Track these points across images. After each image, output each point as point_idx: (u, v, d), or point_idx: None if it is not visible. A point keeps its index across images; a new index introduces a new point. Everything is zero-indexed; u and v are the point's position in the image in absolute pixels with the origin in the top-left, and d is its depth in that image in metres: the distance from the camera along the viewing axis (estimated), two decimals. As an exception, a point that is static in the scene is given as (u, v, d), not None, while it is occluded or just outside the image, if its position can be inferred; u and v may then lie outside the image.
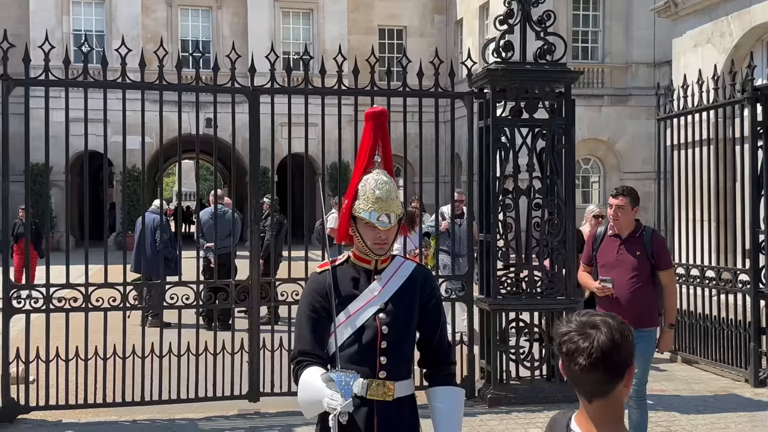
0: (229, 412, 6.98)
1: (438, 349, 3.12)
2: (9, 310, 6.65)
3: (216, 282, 7.36)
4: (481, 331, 7.59)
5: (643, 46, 26.90)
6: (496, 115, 7.36)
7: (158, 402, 6.92)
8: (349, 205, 3.02)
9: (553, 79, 7.41)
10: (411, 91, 7.41)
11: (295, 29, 30.24)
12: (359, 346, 2.97)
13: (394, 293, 3.03)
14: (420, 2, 32.95)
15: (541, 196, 7.41)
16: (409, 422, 3.01)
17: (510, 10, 7.41)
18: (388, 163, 3.09)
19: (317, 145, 7.28)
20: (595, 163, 27.49)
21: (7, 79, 6.64)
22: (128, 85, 6.93)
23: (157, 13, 29.48)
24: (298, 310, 3.11)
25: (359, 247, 3.04)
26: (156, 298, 7.17)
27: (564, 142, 7.42)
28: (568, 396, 7.29)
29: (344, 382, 2.77)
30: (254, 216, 7.40)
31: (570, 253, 7.45)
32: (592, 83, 27.08)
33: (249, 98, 7.13)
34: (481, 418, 6.85)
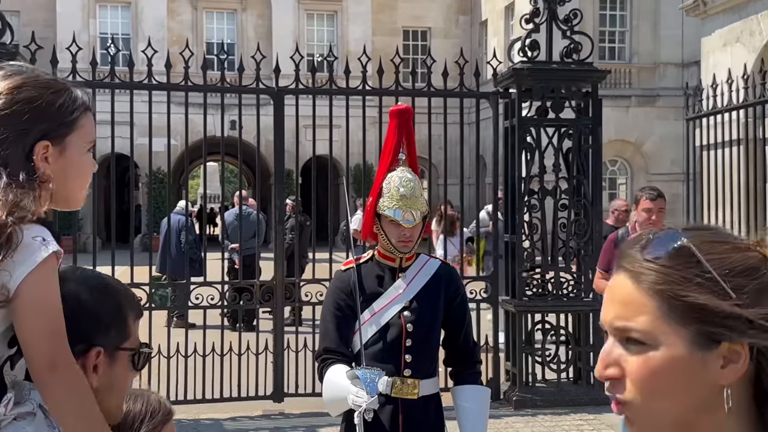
0: (253, 413, 6.99)
1: (463, 347, 3.09)
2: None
3: (241, 282, 7.36)
4: (507, 333, 7.53)
5: (672, 46, 26.63)
6: (521, 115, 7.30)
7: (183, 402, 6.93)
8: (373, 203, 3.00)
9: (580, 78, 7.34)
10: (436, 91, 7.38)
11: (319, 31, 30.35)
12: (384, 343, 2.95)
13: (418, 291, 3.00)
14: (444, 3, 32.90)
15: (568, 197, 7.34)
16: (434, 421, 2.99)
17: (536, 9, 7.35)
18: (413, 160, 3.07)
19: (341, 146, 7.25)
20: (622, 164, 27.25)
21: (34, 81, 6.70)
22: (154, 86, 6.97)
23: (183, 15, 29.73)
24: (323, 308, 3.10)
25: (384, 244, 3.02)
26: (181, 298, 7.20)
27: (591, 142, 7.35)
28: (595, 399, 7.22)
29: (369, 379, 2.75)
30: (279, 216, 7.40)
31: (597, 254, 7.36)
32: (620, 84, 26.85)
33: (274, 99, 7.15)
34: (507, 420, 6.79)
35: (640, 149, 26.83)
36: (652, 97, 26.83)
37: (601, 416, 6.89)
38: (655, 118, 26.73)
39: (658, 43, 26.87)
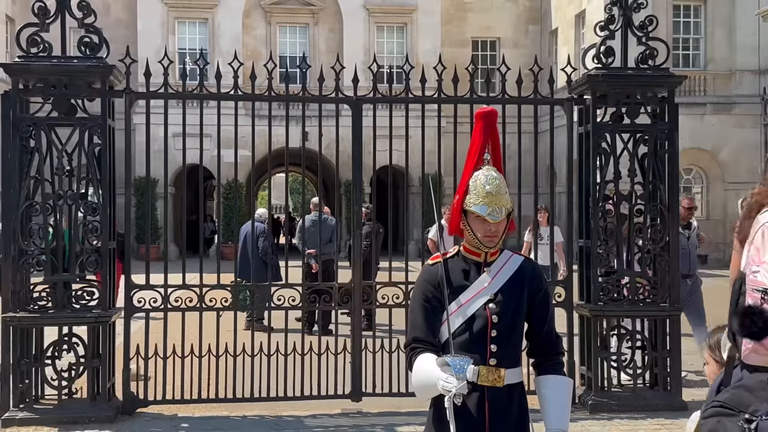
0: (332, 411, 7.22)
1: (546, 339, 3.22)
2: (130, 310, 7.10)
3: (320, 284, 7.61)
4: (582, 338, 7.57)
5: (748, 53, 26.01)
6: (596, 121, 7.36)
7: (266, 399, 7.22)
8: (460, 200, 3.16)
9: (656, 83, 7.36)
10: (510, 98, 7.51)
11: (389, 43, 30.70)
12: (470, 334, 3.09)
13: (503, 285, 3.14)
14: (514, 13, 32.88)
15: (643, 202, 7.36)
16: (518, 409, 3.12)
17: (611, 16, 7.42)
18: (498, 160, 3.22)
19: (415, 155, 7.46)
20: (697, 173, 26.70)
21: (130, 93, 7.11)
22: (240, 97, 7.31)
23: (257, 30, 30.51)
24: (411, 300, 3.28)
25: (470, 240, 3.18)
26: (262, 299, 7.49)
27: (667, 147, 7.36)
28: (671, 404, 7.21)
29: (459, 366, 2.90)
30: (357, 222, 7.63)
31: (673, 259, 7.36)
32: (694, 91, 26.36)
33: (352, 107, 7.39)
34: (583, 424, 6.84)
35: (716, 157, 26.26)
36: (728, 105, 26.25)
37: (678, 422, 6.86)
38: (731, 126, 26.14)
39: (733, 50, 26.29)
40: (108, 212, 6.90)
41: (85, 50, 6.93)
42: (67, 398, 6.82)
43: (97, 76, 6.90)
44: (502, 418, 3.08)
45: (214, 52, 28.58)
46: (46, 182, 6.77)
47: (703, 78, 26.68)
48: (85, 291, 6.86)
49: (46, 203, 6.76)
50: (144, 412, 7.09)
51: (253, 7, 30.71)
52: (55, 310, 6.75)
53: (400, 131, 7.30)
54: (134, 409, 7.06)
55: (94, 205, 6.90)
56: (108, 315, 6.83)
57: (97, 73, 6.88)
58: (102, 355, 6.82)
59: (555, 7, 31.31)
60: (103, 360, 6.81)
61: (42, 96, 6.86)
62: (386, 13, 30.83)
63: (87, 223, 6.88)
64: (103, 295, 6.86)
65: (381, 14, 30.82)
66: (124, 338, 7.11)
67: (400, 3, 30.71)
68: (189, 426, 6.81)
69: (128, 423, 6.81)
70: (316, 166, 8.19)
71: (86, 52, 6.93)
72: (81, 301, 6.84)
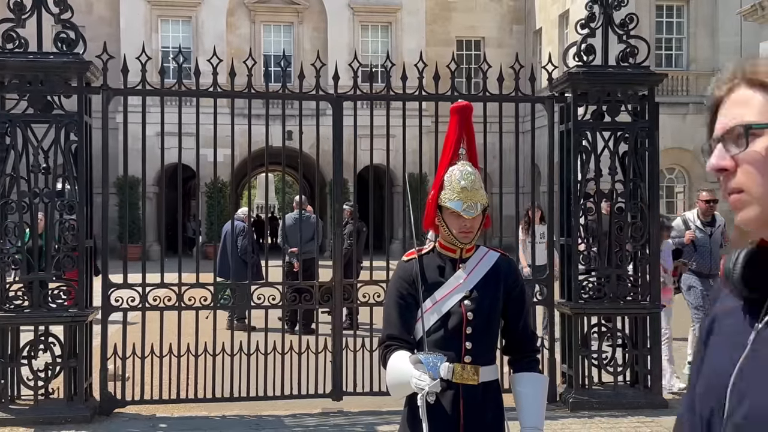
0: (313, 410, 7.17)
1: (522, 336, 3.19)
2: (108, 309, 7.01)
3: (300, 283, 7.56)
4: (563, 336, 7.57)
5: (730, 53, 26.12)
6: (577, 119, 7.35)
7: (246, 399, 7.16)
8: (435, 195, 3.13)
9: (636, 81, 7.37)
10: (491, 96, 7.49)
11: (373, 42, 30.66)
12: (445, 331, 3.06)
13: (478, 281, 3.11)
14: (498, 13, 32.95)
15: (624, 200, 7.36)
16: (494, 407, 3.09)
17: (592, 14, 7.41)
18: (473, 155, 3.19)
19: (397, 155, 7.43)
20: (680, 172, 26.84)
21: (107, 89, 7.03)
22: (219, 94, 7.23)
23: (241, 29, 30.39)
24: (386, 297, 3.24)
25: (445, 236, 3.15)
26: (242, 298, 7.42)
27: (648, 145, 7.36)
28: (652, 402, 7.21)
29: (432, 363, 2.87)
30: (337, 219, 7.58)
31: (654, 256, 7.37)
32: (677, 91, 26.49)
33: (333, 105, 7.34)
34: (563, 422, 6.83)
35: (699, 157, 26.39)
36: (711, 105, 26.37)
37: (659, 419, 6.87)
38: (714, 126, 26.26)
39: (716, 50, 26.43)
40: (85, 210, 6.82)
41: (62, 46, 6.85)
42: (44, 398, 6.73)
43: (73, 72, 6.82)
44: (477, 417, 3.05)
45: (198, 50, 28.41)
46: (22, 180, 6.68)
47: (685, 78, 26.81)
48: (62, 290, 6.78)
49: (22, 201, 6.67)
50: (122, 413, 7.01)
51: (237, 6, 30.58)
52: (31, 310, 6.66)
53: (382, 131, 7.27)
54: (112, 410, 6.98)
55: (71, 203, 6.82)
56: (85, 314, 6.75)
57: (73, 69, 6.80)
58: (79, 355, 6.74)
59: (539, 7, 31.39)
60: (80, 360, 6.73)
61: (18, 92, 6.77)
62: (371, 13, 30.80)
63: (63, 221, 6.79)
64: (80, 294, 6.78)
65: (366, 13, 30.79)
66: (102, 338, 7.03)
67: (384, 2, 30.70)
68: (167, 426, 6.74)
69: (105, 423, 6.73)
70: (303, 167, 8.15)
71: (63, 48, 6.85)
72: (57, 300, 6.75)
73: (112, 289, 7.02)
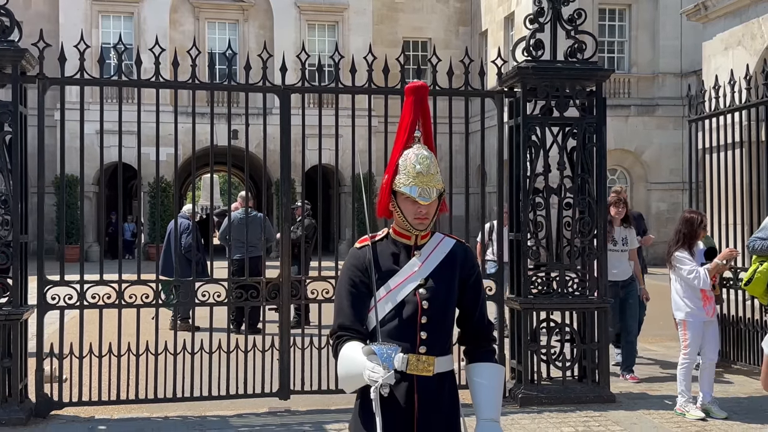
0: (259, 410, 6.99)
1: (478, 325, 3.10)
2: (44, 307, 6.73)
3: (247, 280, 7.37)
4: (512, 331, 7.55)
5: (670, 56, 26.76)
6: (526, 114, 7.34)
7: (190, 399, 6.95)
8: (389, 180, 3.01)
9: (584, 77, 7.39)
10: (441, 90, 7.43)
11: (320, 41, 30.45)
12: (400, 320, 2.95)
13: (434, 269, 3.01)
14: (444, 14, 33.10)
15: (572, 195, 7.38)
16: (448, 398, 2.99)
17: (540, 9, 7.41)
18: (429, 138, 3.08)
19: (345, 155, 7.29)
20: (622, 173, 27.31)
21: (43, 78, 6.75)
22: (161, 84, 7.00)
23: (185, 26, 29.86)
24: (337, 285, 3.11)
25: (399, 222, 3.04)
26: (186, 295, 7.20)
27: (595, 141, 7.39)
28: (600, 396, 7.24)
29: (386, 354, 2.76)
30: (285, 214, 7.42)
31: (601, 252, 7.40)
32: (619, 93, 26.96)
33: (280, 97, 7.18)
34: (513, 417, 6.79)
35: (640, 158, 26.90)
36: (651, 107, 26.94)
37: (606, 413, 6.89)
38: (655, 128, 26.84)
39: (657, 53, 27.00)
40: (19, 204, 6.53)
41: (-4, 33, 6.55)
42: (-25, 401, 6.41)
43: (8, 60, 6.53)
44: (432, 408, 2.95)
45: (140, 47, 27.84)
46: (-48, 172, 6.36)
47: (627, 80, 27.31)
48: (-5, 287, 6.47)
49: (-48, 194, 6.36)
50: (59, 415, 6.73)
51: (180, 2, 30.06)
52: (-38, 308, 6.34)
53: (330, 130, 7.13)
54: (48, 412, 6.70)
55: (5, 196, 6.52)
56: (19, 313, 6.46)
57: (8, 56, 6.51)
58: (13, 355, 6.44)
59: (485, 9, 31.62)
60: (15, 360, 6.43)
61: (-52, 80, 6.45)
62: (317, 11, 30.60)
63: (-3, 215, 6.49)
64: (15, 291, 6.48)
65: (312, 12, 30.58)
66: (37, 337, 6.74)
67: (331, 1, 30.54)
68: (107, 428, 6.49)
69: (41, 426, 6.45)
70: (246, 164, 7.97)
71: (-4, 35, 6.55)
72: (-10, 298, 6.45)
73: (48, 287, 6.74)
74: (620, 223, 8.39)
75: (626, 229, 8.43)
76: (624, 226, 8.42)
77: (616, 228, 8.34)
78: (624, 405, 7.16)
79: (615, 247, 8.24)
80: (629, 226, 8.48)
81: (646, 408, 7.09)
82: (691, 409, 6.77)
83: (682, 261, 6.81)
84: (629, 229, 8.47)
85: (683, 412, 6.80)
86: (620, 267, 8.28)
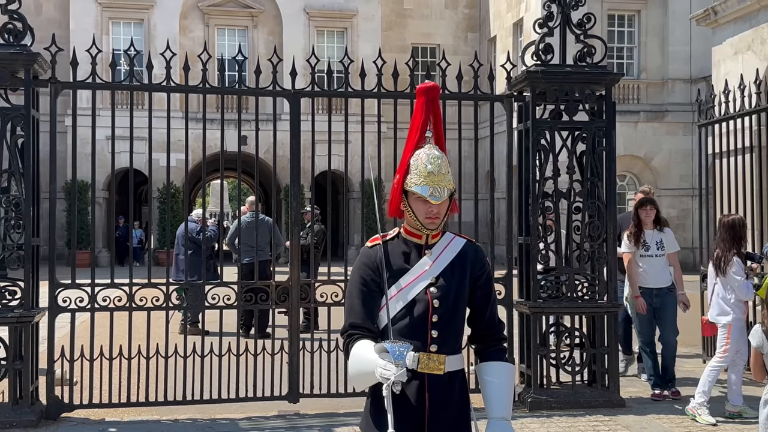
0: (269, 413, 7.00)
1: (489, 324, 3.11)
2: (55, 309, 6.76)
3: (257, 283, 7.38)
4: (521, 335, 7.54)
5: (680, 62, 26.72)
6: (535, 118, 7.35)
7: (199, 402, 6.97)
8: (400, 180, 3.03)
9: (594, 81, 7.40)
10: (450, 94, 7.44)
11: (329, 47, 30.53)
12: (411, 319, 2.96)
13: (444, 268, 3.02)
14: (453, 21, 33.15)
15: (582, 199, 7.37)
16: (459, 396, 2.99)
17: (549, 13, 7.43)
18: (440, 138, 3.09)
19: (355, 160, 7.29)
20: (631, 179, 27.24)
21: (55, 82, 6.80)
22: (172, 89, 7.05)
23: (195, 33, 30.00)
24: (349, 284, 3.13)
25: (410, 221, 3.05)
26: (197, 298, 7.23)
27: (605, 145, 7.39)
28: (610, 401, 7.22)
29: (398, 352, 2.76)
30: (294, 218, 7.44)
31: (611, 256, 7.39)
32: (628, 99, 26.93)
33: (290, 100, 7.21)
34: (522, 421, 6.78)
35: (649, 164, 26.83)
36: (661, 113, 26.89)
37: (616, 418, 6.87)
38: (664, 134, 26.78)
39: (666, 59, 26.96)
40: (31, 208, 6.57)
41: (9, 37, 6.61)
42: (-13, 403, 6.45)
43: (20, 64, 6.58)
44: (442, 407, 2.96)
45: (150, 54, 27.99)
46: (-35, 175, 6.41)
47: (636, 86, 27.27)
48: (7, 290, 6.51)
49: (-35, 197, 6.40)
50: (69, 417, 6.75)
51: (190, 9, 30.21)
52: (-26, 310, 6.38)
53: (340, 136, 7.15)
54: (59, 414, 6.72)
55: (17, 200, 6.56)
56: (31, 315, 6.49)
57: (20, 61, 6.56)
58: (25, 357, 6.47)
59: (493, 15, 31.66)
60: (26, 362, 6.46)
61: (-39, 85, 6.51)
62: (326, 18, 30.69)
63: (9, 218, 6.53)
64: (26, 294, 6.52)
65: (321, 18, 30.67)
66: (49, 339, 6.77)
67: (340, 7, 30.62)
68: (117, 431, 6.51)
69: (52, 428, 6.48)
70: (251, 169, 8.01)
71: (9, 40, 6.61)
72: (2, 300, 6.48)
73: (59, 289, 6.77)
74: (652, 226, 7.73)
75: (660, 231, 7.77)
76: (657, 228, 7.76)
77: (647, 231, 7.69)
78: (634, 410, 7.14)
79: (648, 252, 7.66)
80: (663, 227, 7.85)
81: (656, 413, 7.08)
82: (704, 413, 6.74)
83: (737, 270, 6.95)
84: (664, 232, 7.80)
85: (695, 414, 6.78)
86: (655, 273, 7.66)
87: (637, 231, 7.70)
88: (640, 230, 7.71)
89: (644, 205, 7.76)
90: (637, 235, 7.68)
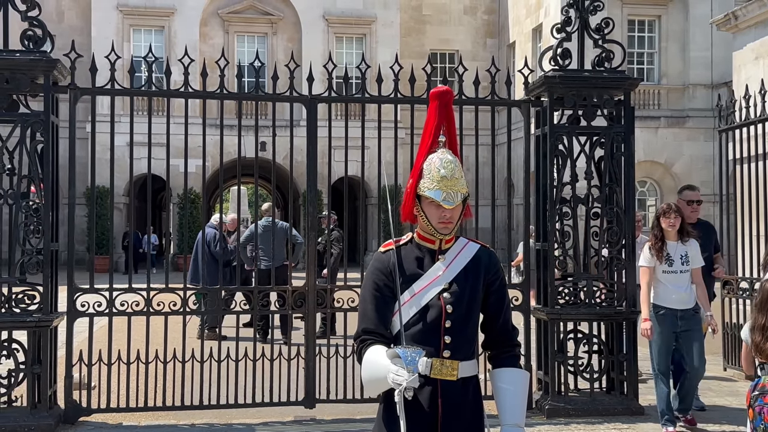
0: (285, 418, 7.00)
1: (502, 330, 3.08)
2: (73, 314, 6.80)
3: (274, 288, 7.39)
4: (539, 342, 7.49)
5: (701, 68, 26.52)
6: (553, 123, 7.31)
7: (216, 406, 6.98)
8: (413, 184, 3.01)
9: (612, 86, 7.35)
10: (467, 99, 7.43)
11: (348, 53, 30.63)
12: (424, 324, 2.94)
13: (458, 273, 3.00)
14: (472, 26, 33.13)
15: (600, 205, 7.32)
16: (472, 403, 2.97)
17: (567, 18, 7.39)
18: (453, 143, 3.08)
19: (371, 167, 7.30)
20: (651, 185, 27.05)
21: (74, 88, 6.85)
22: (190, 95, 7.08)
23: (215, 39, 30.21)
24: (362, 289, 3.11)
25: (424, 226, 3.03)
26: (214, 303, 7.25)
27: (623, 150, 7.33)
28: (629, 408, 7.15)
29: (411, 358, 2.75)
30: (311, 224, 7.44)
31: (630, 261, 7.32)
32: (648, 105, 26.76)
33: (307, 106, 7.22)
34: (539, 428, 6.73)
35: (670, 170, 26.63)
36: (682, 119, 26.69)
37: (635, 426, 6.80)
38: (685, 139, 26.58)
39: (687, 65, 26.77)
40: (50, 213, 6.62)
41: (29, 44, 6.68)
42: (6, 406, 6.50)
43: (40, 70, 6.64)
44: (455, 413, 2.94)
45: (170, 60, 28.20)
46: (-14, 181, 6.48)
47: (657, 92, 27.10)
48: (26, 294, 6.56)
49: (-14, 202, 6.47)
50: (87, 421, 6.79)
51: (210, 16, 30.43)
52: (-6, 314, 6.44)
53: (357, 142, 7.14)
54: (77, 418, 6.76)
55: (36, 205, 6.62)
56: (49, 319, 6.54)
57: (40, 67, 6.62)
58: (43, 362, 6.52)
59: (513, 21, 31.61)
60: (45, 366, 6.51)
61: (-18, 91, 6.58)
62: (345, 24, 30.80)
63: (28, 223, 6.59)
64: (45, 298, 6.57)
65: (340, 25, 30.78)
66: (67, 344, 6.82)
67: (359, 14, 30.71)
68: (134, 435, 6.55)
69: (70, 432, 6.52)
70: (273, 176, 8.02)
71: (29, 46, 6.68)
72: (21, 304, 6.54)
73: (78, 294, 6.82)
74: (676, 238, 6.69)
75: (685, 244, 6.69)
76: (682, 241, 6.70)
77: (670, 243, 6.65)
78: (653, 417, 7.05)
79: (671, 267, 6.61)
80: (689, 239, 6.73)
81: (676, 421, 6.99)
82: None
83: None
84: (689, 244, 6.71)
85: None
86: (681, 292, 6.62)
87: (660, 243, 6.67)
88: (662, 242, 6.66)
89: (668, 214, 6.65)
90: (659, 248, 6.63)
